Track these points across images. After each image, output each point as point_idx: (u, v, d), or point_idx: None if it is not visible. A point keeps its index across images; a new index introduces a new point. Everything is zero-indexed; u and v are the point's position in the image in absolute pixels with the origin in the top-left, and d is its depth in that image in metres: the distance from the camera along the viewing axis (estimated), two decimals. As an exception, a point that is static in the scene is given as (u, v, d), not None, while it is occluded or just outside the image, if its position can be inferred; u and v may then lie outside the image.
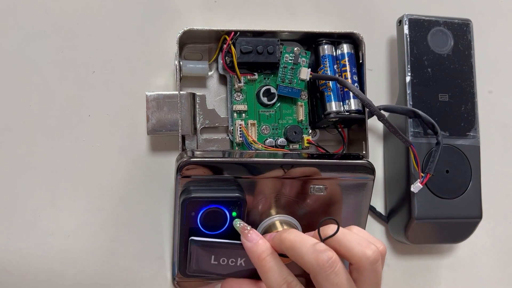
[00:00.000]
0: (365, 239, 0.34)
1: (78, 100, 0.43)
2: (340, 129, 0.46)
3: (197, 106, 0.43)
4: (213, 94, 0.45)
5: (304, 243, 0.33)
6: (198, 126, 0.43)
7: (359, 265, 0.33)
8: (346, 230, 0.34)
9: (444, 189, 0.44)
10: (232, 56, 0.42)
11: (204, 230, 0.37)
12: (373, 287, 0.33)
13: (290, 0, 0.47)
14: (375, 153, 0.48)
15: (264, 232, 0.39)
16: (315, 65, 0.44)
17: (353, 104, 0.43)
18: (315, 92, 0.44)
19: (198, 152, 0.40)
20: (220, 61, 0.43)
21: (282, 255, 0.35)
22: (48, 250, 0.43)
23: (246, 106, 0.43)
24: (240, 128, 0.42)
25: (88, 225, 0.43)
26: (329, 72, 0.43)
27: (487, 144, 0.48)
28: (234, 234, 0.37)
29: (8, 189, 0.42)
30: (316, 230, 0.34)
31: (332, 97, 0.43)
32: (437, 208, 0.44)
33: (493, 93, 0.50)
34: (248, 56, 0.41)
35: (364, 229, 0.43)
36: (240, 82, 0.43)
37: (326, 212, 0.41)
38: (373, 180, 0.41)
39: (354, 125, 0.46)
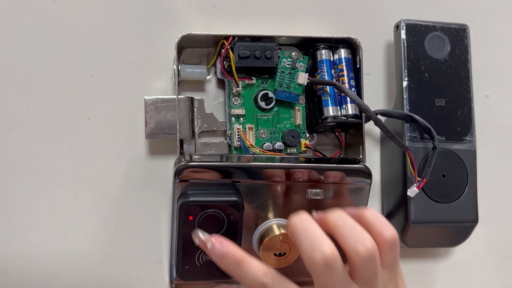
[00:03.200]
0: (363, 233, 0.33)
1: (77, 104, 0.44)
2: (337, 133, 0.46)
3: (195, 110, 0.44)
4: (211, 98, 0.45)
5: (304, 234, 0.33)
6: (196, 130, 0.44)
7: (351, 260, 0.33)
8: (349, 221, 0.33)
9: (440, 193, 0.44)
10: (230, 61, 0.42)
11: (201, 234, 0.37)
12: (368, 283, 0.33)
13: (288, 5, 0.47)
14: (372, 157, 0.48)
15: (261, 237, 0.39)
16: (312, 70, 0.44)
17: (350, 109, 0.43)
18: (313, 96, 0.45)
19: (196, 156, 0.40)
20: (218, 65, 0.43)
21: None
22: (47, 253, 0.43)
23: (244, 110, 0.43)
24: (238, 132, 0.43)
25: (86, 228, 0.43)
26: (326, 76, 0.43)
27: (484, 148, 0.49)
28: (231, 238, 0.38)
29: (7, 192, 0.43)
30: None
31: (330, 102, 0.43)
32: (433, 212, 0.44)
33: (490, 98, 0.51)
34: (246, 60, 0.42)
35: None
36: (238, 86, 0.43)
37: (323, 216, 0.41)
38: (370, 184, 0.41)
39: (351, 130, 0.46)
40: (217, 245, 0.34)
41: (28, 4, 0.43)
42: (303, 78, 0.43)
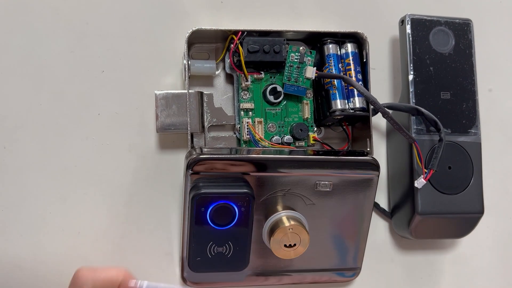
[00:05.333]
0: None
1: (88, 99, 0.44)
2: (344, 127, 0.46)
3: (204, 105, 0.44)
4: (220, 93, 0.45)
5: None
6: (205, 124, 0.44)
7: None
8: None
9: (446, 184, 0.45)
10: (239, 55, 0.42)
11: (213, 226, 0.38)
12: None
13: (295, 0, 0.48)
14: (378, 150, 0.49)
15: (271, 229, 0.40)
16: (320, 64, 0.45)
17: (357, 102, 0.44)
18: (320, 90, 0.45)
19: (206, 149, 0.41)
20: (228, 60, 0.44)
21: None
22: (59, 246, 0.43)
23: (253, 104, 0.44)
24: (247, 126, 0.43)
25: (98, 222, 0.44)
26: (334, 70, 0.44)
27: (488, 141, 0.49)
28: (242, 229, 0.38)
29: (19, 186, 0.43)
30: None
31: (337, 95, 0.44)
32: (440, 204, 0.44)
33: (493, 91, 0.51)
34: (255, 55, 0.42)
35: (369, 225, 0.44)
36: (247, 80, 0.43)
37: (331, 208, 0.42)
38: (378, 176, 0.42)
39: (358, 123, 0.47)
40: None
41: (39, 1, 0.44)
42: (311, 72, 0.43)
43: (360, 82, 0.44)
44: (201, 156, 0.38)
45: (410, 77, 0.45)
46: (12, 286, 0.43)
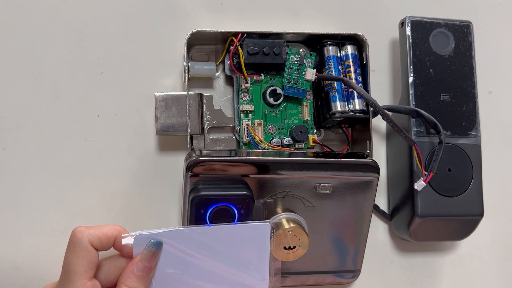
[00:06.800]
0: None
1: (87, 100, 0.44)
2: (344, 129, 0.46)
3: (204, 107, 0.44)
4: (220, 95, 0.45)
5: None
6: (205, 126, 0.44)
7: None
8: None
9: (446, 187, 0.45)
10: (239, 57, 0.42)
11: (212, 228, 0.38)
12: None
13: (295, 2, 0.48)
14: (378, 152, 0.49)
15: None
16: (320, 66, 0.45)
17: (357, 104, 0.44)
18: (320, 92, 0.45)
19: (206, 151, 0.41)
20: (227, 62, 0.44)
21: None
22: (58, 248, 0.43)
23: (252, 106, 0.44)
24: (247, 127, 0.43)
25: (97, 223, 0.43)
26: (334, 72, 0.44)
27: (488, 143, 0.49)
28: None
29: (18, 188, 0.43)
30: None
31: (337, 97, 0.44)
32: (439, 206, 0.44)
33: (493, 94, 0.51)
34: (255, 57, 0.42)
35: (369, 227, 0.44)
36: (247, 82, 0.43)
37: (331, 210, 0.42)
38: (378, 178, 0.42)
39: (357, 125, 0.47)
40: None
41: (38, 2, 0.44)
42: (311, 74, 0.43)
43: (360, 84, 0.44)
44: (200, 158, 0.38)
45: (410, 79, 0.45)
46: (11, 288, 0.43)
